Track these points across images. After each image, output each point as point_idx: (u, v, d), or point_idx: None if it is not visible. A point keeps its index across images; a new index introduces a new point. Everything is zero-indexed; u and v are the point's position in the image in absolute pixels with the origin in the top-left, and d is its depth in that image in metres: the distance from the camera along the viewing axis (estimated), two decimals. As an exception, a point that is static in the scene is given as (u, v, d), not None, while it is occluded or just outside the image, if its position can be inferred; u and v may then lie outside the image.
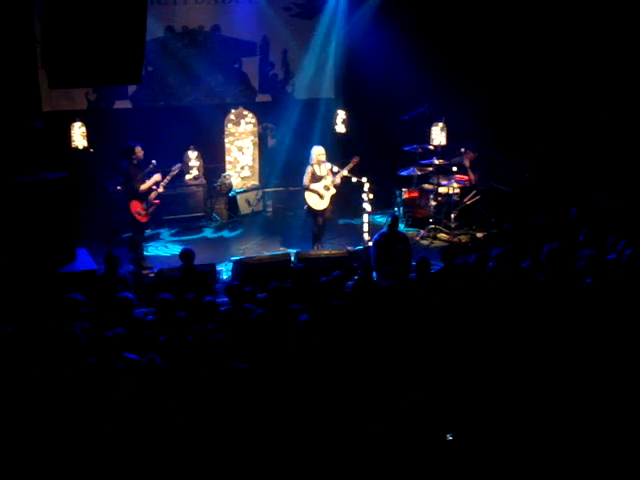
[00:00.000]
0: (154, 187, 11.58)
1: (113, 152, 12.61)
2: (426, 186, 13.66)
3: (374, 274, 10.24)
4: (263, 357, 6.90)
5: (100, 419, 5.95)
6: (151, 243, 12.65)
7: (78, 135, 12.27)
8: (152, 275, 10.57)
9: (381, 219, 13.26)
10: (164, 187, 11.77)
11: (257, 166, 14.94)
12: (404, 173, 13.60)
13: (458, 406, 6.30)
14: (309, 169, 11.84)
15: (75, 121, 12.28)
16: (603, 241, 9.55)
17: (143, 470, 5.58)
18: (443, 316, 7.64)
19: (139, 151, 11.49)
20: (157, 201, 11.66)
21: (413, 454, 5.52)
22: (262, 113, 14.88)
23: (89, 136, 12.35)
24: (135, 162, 11.49)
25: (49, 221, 9.98)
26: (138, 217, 11.51)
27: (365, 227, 12.53)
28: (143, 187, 11.46)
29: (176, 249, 12.16)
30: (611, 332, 7.34)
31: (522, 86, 14.06)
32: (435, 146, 13.42)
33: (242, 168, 14.86)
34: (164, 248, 12.69)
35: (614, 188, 12.10)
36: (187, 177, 13.91)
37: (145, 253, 12.00)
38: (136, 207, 11.48)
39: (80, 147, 12.30)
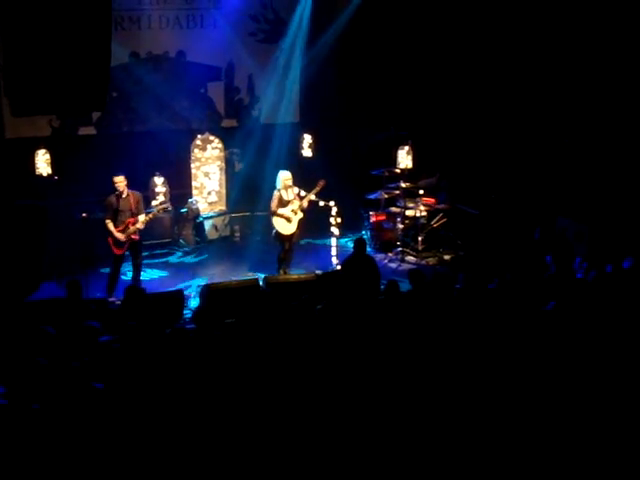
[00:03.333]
0: (133, 222, 11.17)
1: (78, 179, 12.52)
2: (393, 209, 13.71)
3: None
4: (233, 382, 6.85)
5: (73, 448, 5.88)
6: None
7: (42, 162, 12.18)
8: (118, 303, 10.45)
9: (349, 243, 13.28)
10: (144, 224, 11.36)
11: (224, 191, 14.90)
12: (371, 197, 13.65)
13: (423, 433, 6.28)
14: (276, 194, 11.84)
15: (39, 148, 12.18)
16: (570, 262, 9.65)
17: None
18: (413, 337, 7.63)
19: (118, 181, 11.09)
20: (136, 237, 11.30)
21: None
22: (228, 138, 14.86)
23: (53, 163, 12.25)
24: (117, 193, 11.12)
25: (16, 249, 9.84)
26: (113, 249, 11.25)
27: (333, 250, 12.55)
28: (110, 228, 11.09)
29: (152, 273, 12.32)
30: (579, 352, 7.39)
31: (486, 109, 14.20)
32: (402, 169, 13.49)
33: (209, 193, 14.80)
34: (144, 272, 12.53)
35: (578, 209, 12.23)
36: (153, 203, 13.82)
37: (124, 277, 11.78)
38: (109, 239, 11.20)
39: (44, 174, 12.19)
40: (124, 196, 11.14)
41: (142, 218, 11.26)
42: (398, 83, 14.60)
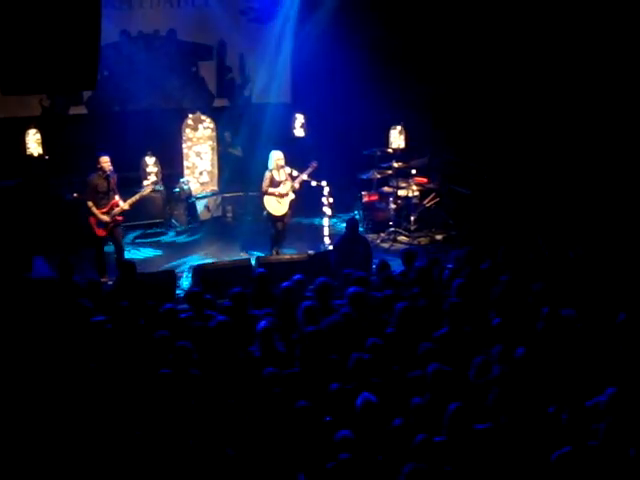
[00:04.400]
0: (118, 204, 11.03)
1: (68, 158, 12.46)
2: (385, 189, 13.69)
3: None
4: (224, 364, 6.86)
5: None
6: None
7: (33, 142, 12.12)
8: (110, 283, 10.43)
9: (342, 223, 13.28)
10: (131, 205, 11.23)
11: (216, 171, 14.84)
12: (364, 176, 13.63)
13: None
14: (268, 174, 11.79)
15: (29, 128, 12.10)
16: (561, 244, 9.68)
17: None
18: (406, 318, 7.63)
19: (103, 161, 10.88)
20: (120, 218, 11.15)
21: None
22: (220, 118, 14.79)
23: (44, 142, 12.17)
24: (101, 173, 10.93)
25: (6, 228, 9.79)
26: (95, 230, 11.08)
27: (325, 231, 12.54)
28: (94, 210, 10.91)
29: (144, 252, 12.39)
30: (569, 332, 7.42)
31: (479, 88, 14.15)
32: (394, 149, 13.46)
33: (200, 173, 14.75)
34: (137, 252, 12.51)
35: (572, 189, 12.25)
36: (145, 183, 13.75)
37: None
38: (91, 220, 11.02)
39: (35, 154, 12.13)
40: (109, 177, 11.01)
41: (121, 201, 11.09)
42: (390, 63, 14.52)
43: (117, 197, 11.07)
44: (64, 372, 6.64)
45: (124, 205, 11.10)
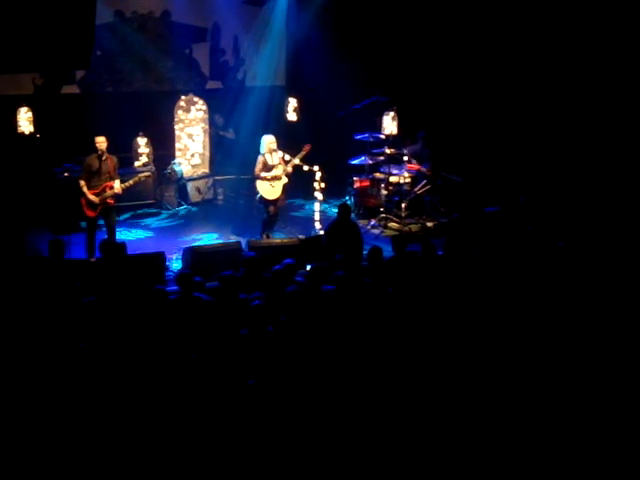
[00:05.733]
0: (112, 186, 10.94)
1: (60, 138, 12.41)
2: (377, 175, 13.69)
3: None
4: (214, 345, 6.88)
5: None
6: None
7: (24, 120, 12.02)
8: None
9: (333, 208, 13.29)
10: (124, 190, 11.16)
11: (207, 154, 14.81)
12: (355, 162, 13.62)
13: (408, 397, 6.34)
14: (260, 158, 11.78)
15: (21, 106, 12.03)
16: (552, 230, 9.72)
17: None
18: (394, 304, 7.67)
19: (99, 142, 10.83)
20: (111, 201, 11.06)
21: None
22: (212, 100, 14.75)
23: (35, 121, 12.11)
24: (99, 154, 10.84)
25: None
26: (85, 210, 11.02)
27: (317, 216, 12.55)
28: (84, 190, 10.83)
29: (134, 234, 12.45)
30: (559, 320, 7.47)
31: (472, 74, 14.15)
32: (386, 135, 13.45)
33: (192, 155, 14.72)
34: (128, 232, 12.49)
35: (562, 178, 12.30)
36: (136, 164, 13.73)
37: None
38: (82, 200, 10.94)
39: (26, 132, 12.06)
40: (104, 158, 10.94)
41: (118, 184, 11.01)
42: (384, 49, 14.51)
43: (116, 181, 11.01)
44: (54, 351, 6.64)
45: (117, 189, 11.04)
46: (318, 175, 12.38)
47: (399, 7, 14.41)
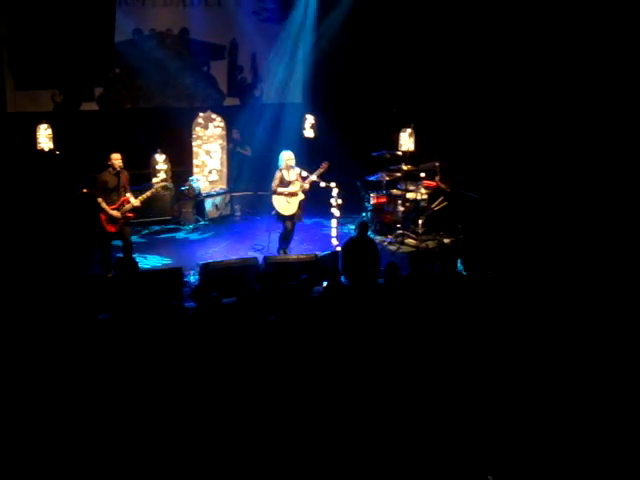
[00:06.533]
0: (129, 200, 10.97)
1: (79, 154, 12.52)
2: (394, 192, 13.69)
3: (342, 279, 10.24)
4: (230, 359, 6.89)
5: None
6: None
7: (44, 137, 12.14)
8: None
9: (350, 225, 13.29)
10: (142, 202, 11.18)
11: (225, 170, 14.88)
12: (372, 178, 13.63)
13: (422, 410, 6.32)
14: (277, 173, 11.81)
15: (41, 123, 12.15)
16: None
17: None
18: (411, 320, 7.66)
19: (114, 158, 10.83)
20: (131, 215, 11.09)
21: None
22: (230, 116, 14.84)
23: (55, 138, 12.22)
24: (112, 170, 10.86)
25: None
26: (105, 226, 10.99)
27: (333, 232, 12.55)
28: (104, 206, 10.83)
29: (152, 250, 12.41)
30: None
31: (490, 92, 14.15)
32: (403, 152, 13.46)
33: (210, 172, 14.80)
34: (143, 260, 12.44)
35: (578, 193, 12.25)
36: (154, 180, 13.80)
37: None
38: (101, 216, 10.93)
39: (46, 149, 12.17)
40: (119, 173, 10.97)
41: (134, 198, 11.06)
42: (402, 66, 14.56)
43: (129, 194, 11.08)
44: (70, 366, 6.67)
45: (135, 202, 11.09)
46: (335, 192, 12.39)
47: (417, 26, 14.47)
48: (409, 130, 13.44)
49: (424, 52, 14.55)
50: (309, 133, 13.81)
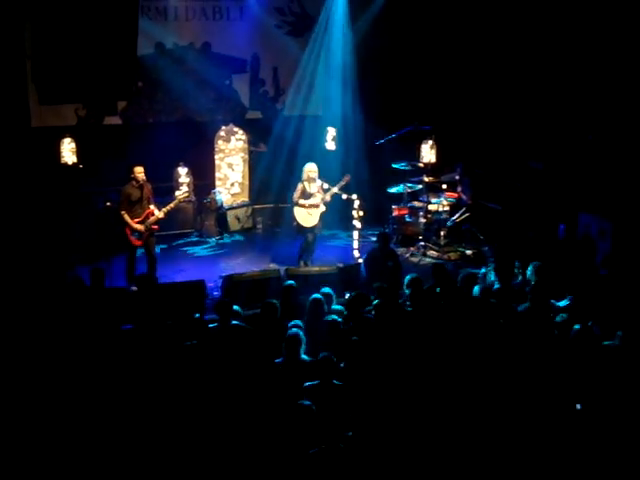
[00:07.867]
0: (153, 213, 11.04)
1: (102, 168, 12.63)
2: (416, 203, 13.66)
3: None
4: (252, 372, 6.89)
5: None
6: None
7: (67, 151, 12.26)
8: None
9: (371, 237, 13.27)
10: (166, 214, 11.23)
11: (247, 183, 14.94)
12: (393, 190, 13.61)
13: (447, 423, 6.28)
14: (299, 185, 11.84)
15: (65, 137, 12.25)
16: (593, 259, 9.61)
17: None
18: (435, 332, 7.63)
19: (137, 172, 10.89)
20: (156, 227, 11.16)
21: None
22: (252, 130, 14.90)
23: (78, 152, 12.32)
24: (135, 183, 10.94)
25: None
26: (130, 239, 11.07)
27: (355, 244, 12.55)
28: (127, 220, 10.91)
29: (174, 263, 12.47)
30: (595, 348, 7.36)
31: (511, 103, 14.11)
32: (425, 164, 13.44)
33: (232, 185, 14.86)
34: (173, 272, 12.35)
35: (602, 205, 12.14)
36: (177, 193, 13.85)
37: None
38: (127, 230, 11.01)
39: (69, 163, 12.28)
40: (142, 186, 11.04)
41: (157, 210, 11.12)
42: (422, 77, 14.54)
43: (152, 206, 11.13)
44: (92, 377, 6.71)
45: (159, 214, 11.14)
46: (356, 204, 12.39)
47: (438, 37, 14.46)
48: (430, 142, 13.42)
49: (446, 63, 14.52)
50: (330, 145, 13.83)
